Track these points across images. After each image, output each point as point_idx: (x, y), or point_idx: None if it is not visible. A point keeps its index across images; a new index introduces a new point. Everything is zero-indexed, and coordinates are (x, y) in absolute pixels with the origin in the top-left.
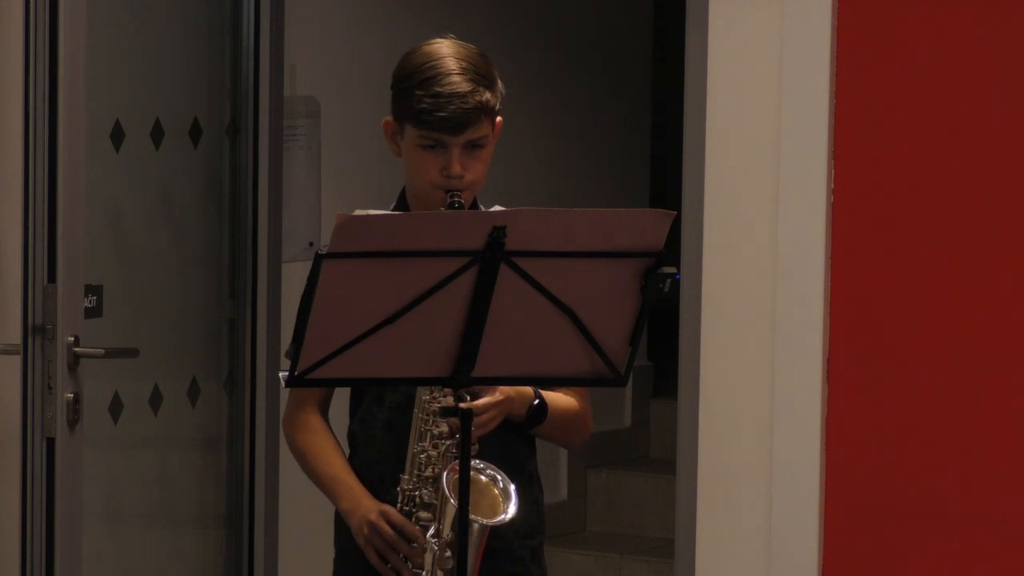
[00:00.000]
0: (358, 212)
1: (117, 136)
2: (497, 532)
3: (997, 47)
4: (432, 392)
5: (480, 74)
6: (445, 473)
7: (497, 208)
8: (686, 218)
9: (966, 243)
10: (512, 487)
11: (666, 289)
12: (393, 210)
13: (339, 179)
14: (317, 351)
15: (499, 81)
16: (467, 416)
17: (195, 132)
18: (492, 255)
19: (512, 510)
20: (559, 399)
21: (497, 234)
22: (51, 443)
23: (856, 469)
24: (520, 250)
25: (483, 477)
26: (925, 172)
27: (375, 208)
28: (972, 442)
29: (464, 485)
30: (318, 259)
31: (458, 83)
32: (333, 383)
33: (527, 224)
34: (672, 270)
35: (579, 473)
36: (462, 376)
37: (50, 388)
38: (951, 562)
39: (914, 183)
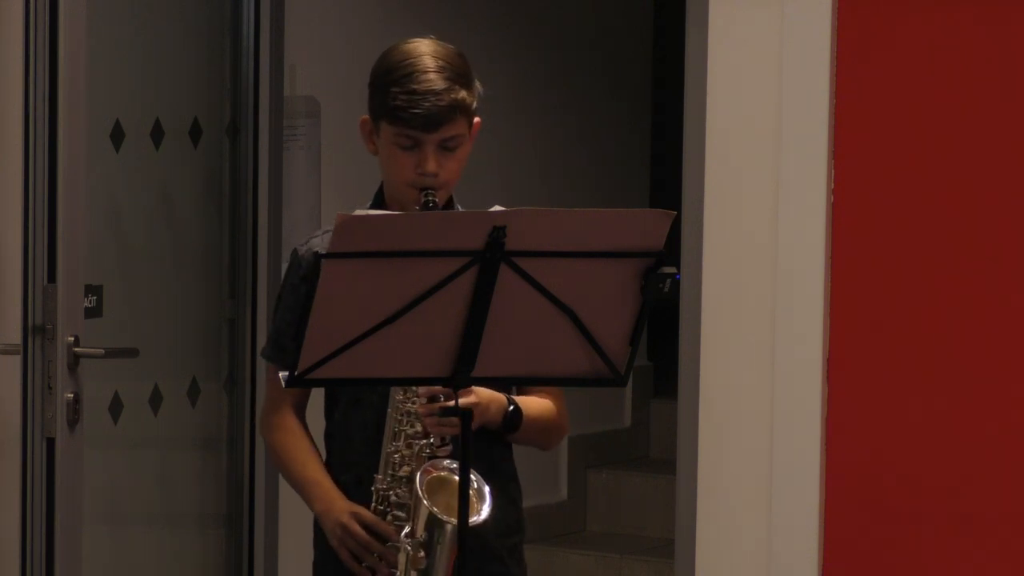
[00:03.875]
0: (358, 212)
1: (117, 136)
2: (475, 531)
3: (997, 47)
4: (406, 392)
5: (457, 72)
6: (419, 473)
7: (497, 208)
8: (686, 218)
9: (966, 242)
10: (487, 488)
11: (666, 289)
12: (370, 208)
13: (339, 179)
14: (317, 351)
15: (476, 82)
16: (467, 416)
17: (195, 132)
18: (492, 255)
19: (486, 511)
20: (534, 404)
21: (497, 234)
22: (51, 443)
23: (856, 469)
24: (520, 250)
25: (456, 477)
26: (925, 172)
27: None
28: (972, 442)
29: (464, 485)
30: (294, 255)
31: (433, 80)
32: (333, 383)
33: (527, 224)
34: (672, 270)
35: (579, 473)
36: (462, 376)
37: (50, 388)
38: (951, 562)
39: (914, 183)
